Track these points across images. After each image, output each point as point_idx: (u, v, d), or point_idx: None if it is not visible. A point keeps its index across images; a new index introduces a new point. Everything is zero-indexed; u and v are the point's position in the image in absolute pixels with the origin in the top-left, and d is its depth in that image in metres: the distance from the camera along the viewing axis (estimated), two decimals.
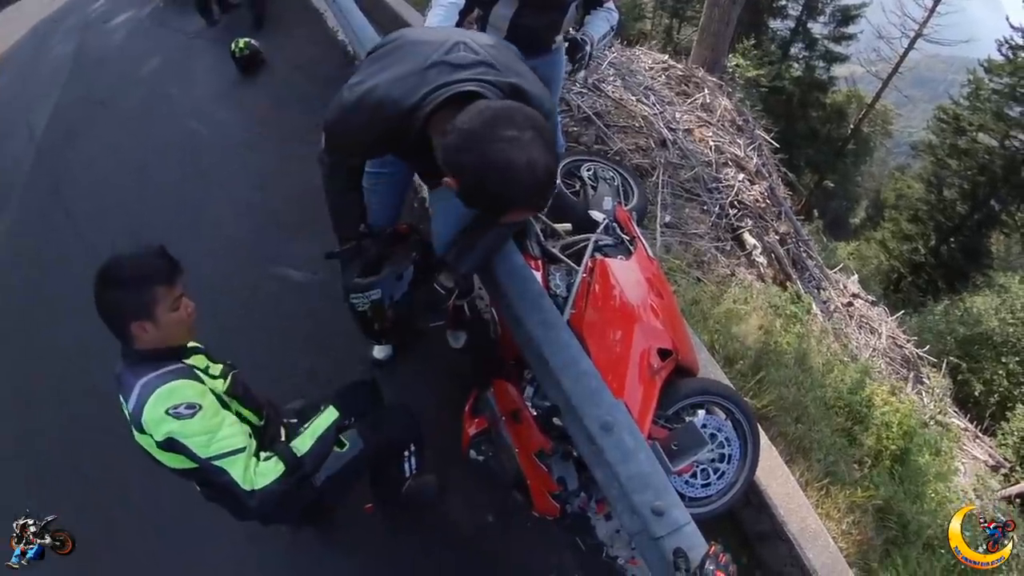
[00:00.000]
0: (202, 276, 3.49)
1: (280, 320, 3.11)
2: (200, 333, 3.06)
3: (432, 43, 1.40)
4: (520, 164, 1.19)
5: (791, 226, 6.09)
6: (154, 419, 1.31)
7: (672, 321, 2.11)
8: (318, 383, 2.71)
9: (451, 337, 2.63)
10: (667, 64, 6.50)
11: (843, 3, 19.22)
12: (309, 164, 4.04)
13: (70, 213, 4.61)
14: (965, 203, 16.17)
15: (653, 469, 1.46)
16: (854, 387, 4.05)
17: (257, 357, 2.91)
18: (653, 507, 1.39)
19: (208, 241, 3.80)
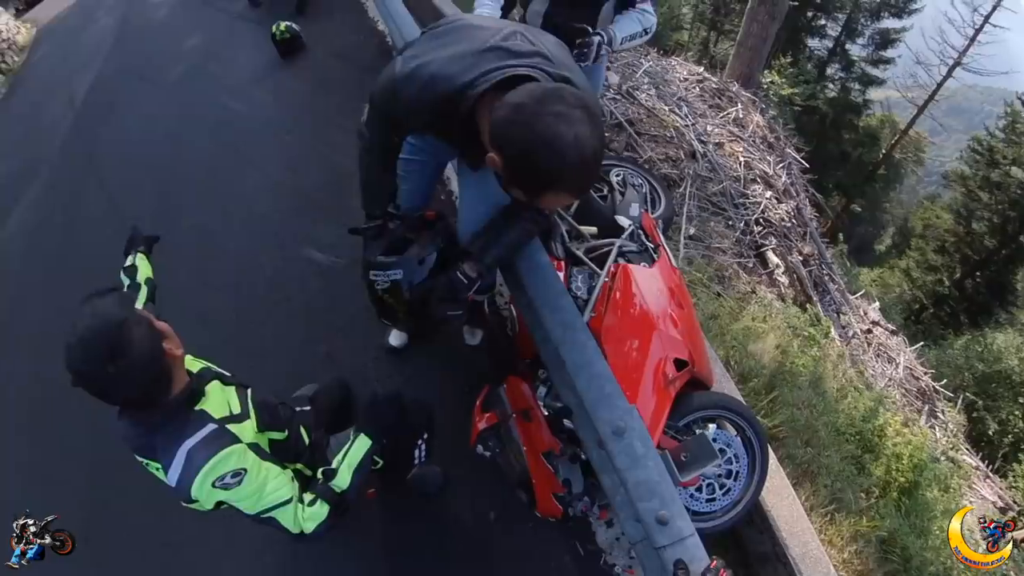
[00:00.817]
0: (231, 251, 3.60)
1: (302, 300, 3.17)
2: (225, 307, 3.16)
3: (491, 29, 1.43)
4: (567, 138, 1.18)
5: (816, 248, 6.02)
6: (204, 493, 1.31)
7: (690, 332, 2.10)
8: (335, 365, 2.75)
9: (468, 334, 2.65)
10: (702, 76, 6.46)
11: (883, 26, 18.96)
12: (341, 150, 4.16)
13: (103, 181, 4.72)
14: (994, 237, 15.79)
15: (661, 478, 1.46)
16: (867, 415, 4.01)
17: (278, 335, 2.97)
18: (658, 516, 1.39)
19: (238, 218, 3.88)
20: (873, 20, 19.00)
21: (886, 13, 18.75)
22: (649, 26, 2.45)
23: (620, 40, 2.39)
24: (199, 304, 3.26)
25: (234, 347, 2.94)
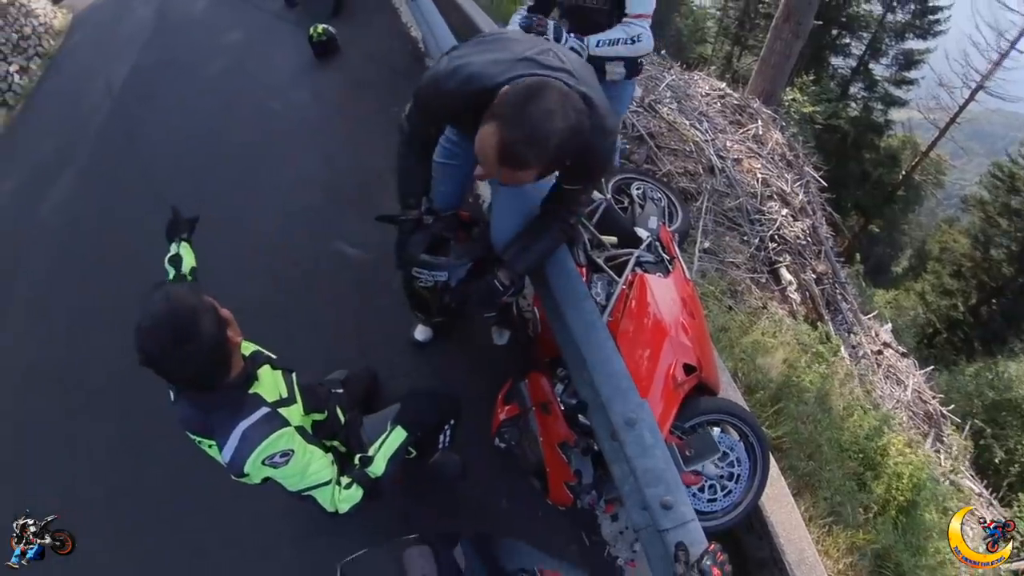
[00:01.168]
0: (265, 241, 3.77)
1: (333, 292, 3.32)
2: (258, 295, 3.31)
3: (529, 43, 1.64)
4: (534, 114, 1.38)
5: (829, 266, 6.09)
6: (254, 470, 1.44)
7: (700, 340, 2.23)
8: (362, 355, 2.89)
9: (496, 334, 2.76)
10: (723, 92, 6.56)
11: (907, 47, 18.91)
12: (372, 149, 4.33)
13: (142, 166, 4.90)
14: (1011, 265, 15.65)
15: (667, 466, 1.59)
16: (871, 434, 4.06)
17: (308, 323, 3.12)
18: (663, 501, 1.52)
19: (273, 209, 4.05)
20: (897, 41, 18.96)
21: (910, 34, 18.72)
22: (634, 35, 2.48)
23: (596, 43, 2.45)
24: (232, 289, 3.37)
25: (265, 332, 3.03)
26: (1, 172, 5.90)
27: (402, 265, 2.04)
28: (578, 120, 1.43)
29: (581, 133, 1.44)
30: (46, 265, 4.29)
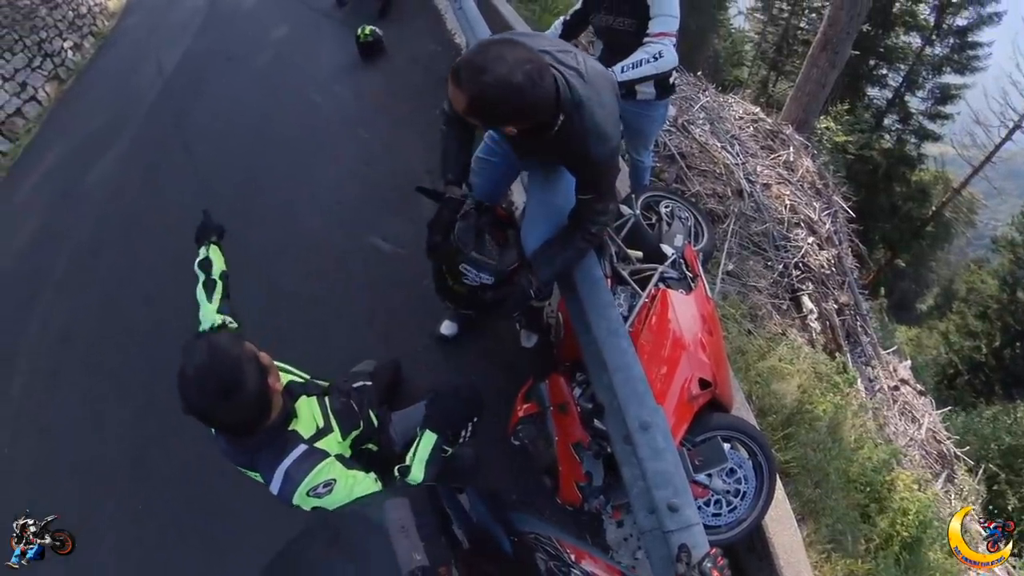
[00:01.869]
0: (304, 229, 3.94)
1: (365, 283, 3.46)
2: (294, 280, 3.44)
3: (556, 43, 1.74)
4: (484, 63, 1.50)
5: (852, 298, 6.08)
6: (302, 501, 1.49)
7: (717, 358, 2.30)
8: (388, 346, 3.01)
9: (524, 337, 2.86)
10: (757, 116, 6.61)
11: (944, 81, 18.67)
12: (412, 151, 4.49)
13: (189, 148, 5.10)
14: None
15: (676, 470, 1.68)
16: (879, 467, 4.06)
17: (340, 311, 3.26)
18: (670, 503, 1.60)
19: (315, 200, 4.21)
20: (935, 74, 18.72)
21: (948, 68, 18.45)
22: (655, 53, 2.50)
23: (621, 69, 2.48)
24: (270, 273, 3.59)
25: (298, 317, 3.25)
26: (51, 142, 6.16)
27: (435, 248, 2.11)
28: (526, 82, 1.49)
29: (522, 95, 1.50)
30: (88, 234, 4.47)
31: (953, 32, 18.04)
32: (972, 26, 17.75)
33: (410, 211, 3.88)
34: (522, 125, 1.64)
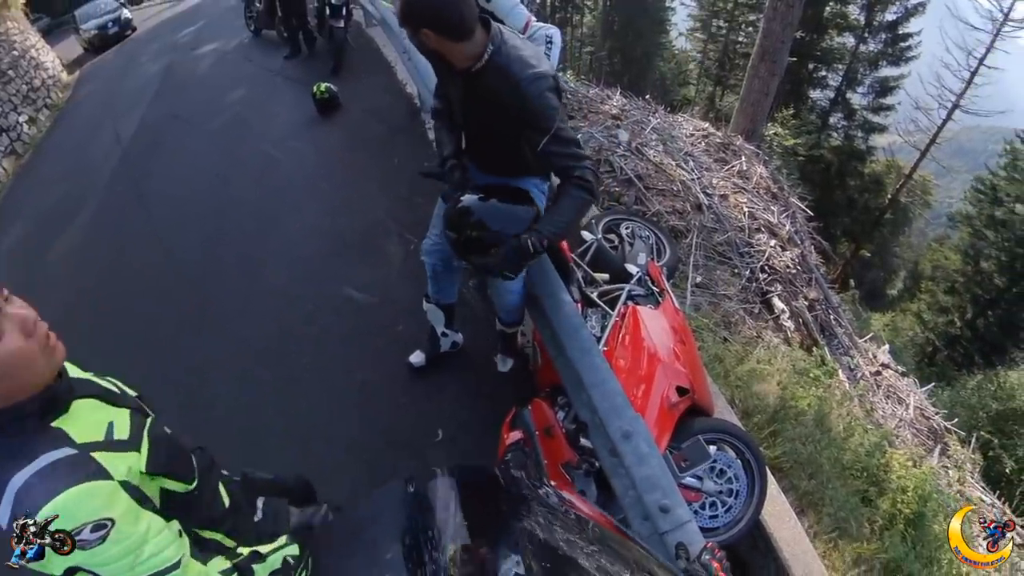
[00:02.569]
0: (272, 285, 3.94)
1: (339, 333, 3.46)
2: (266, 336, 3.47)
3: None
4: None
5: (821, 292, 6.24)
6: (48, 555, 0.91)
7: (692, 365, 2.39)
8: (368, 393, 3.03)
9: (500, 361, 2.91)
10: (707, 131, 6.88)
11: (881, 75, 19.75)
12: (373, 200, 4.60)
13: (151, 214, 5.11)
14: (1003, 275, 15.87)
15: (663, 473, 1.74)
16: (872, 451, 4.13)
17: (316, 363, 3.26)
18: (661, 505, 1.66)
19: (280, 256, 4.24)
20: (872, 69, 19.85)
21: (884, 62, 19.62)
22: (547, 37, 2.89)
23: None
24: (242, 331, 3.58)
25: (273, 372, 3.24)
26: (11, 219, 6.12)
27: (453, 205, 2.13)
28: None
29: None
30: (55, 313, 4.31)
31: (883, 27, 19.27)
32: (900, 19, 19.01)
33: (377, 259, 3.96)
34: (450, 32, 1.77)
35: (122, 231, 5.06)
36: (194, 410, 3.06)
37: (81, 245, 5.08)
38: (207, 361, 3.39)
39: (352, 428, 2.88)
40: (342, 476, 2.64)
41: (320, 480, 2.56)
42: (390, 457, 2.72)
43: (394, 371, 3.05)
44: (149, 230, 4.91)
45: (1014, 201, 15.90)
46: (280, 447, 2.81)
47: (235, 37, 9.58)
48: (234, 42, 9.44)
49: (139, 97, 8.06)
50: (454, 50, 1.82)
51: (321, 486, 2.53)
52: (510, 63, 1.82)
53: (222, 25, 11.04)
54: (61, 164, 7.24)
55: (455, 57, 1.85)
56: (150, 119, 7.15)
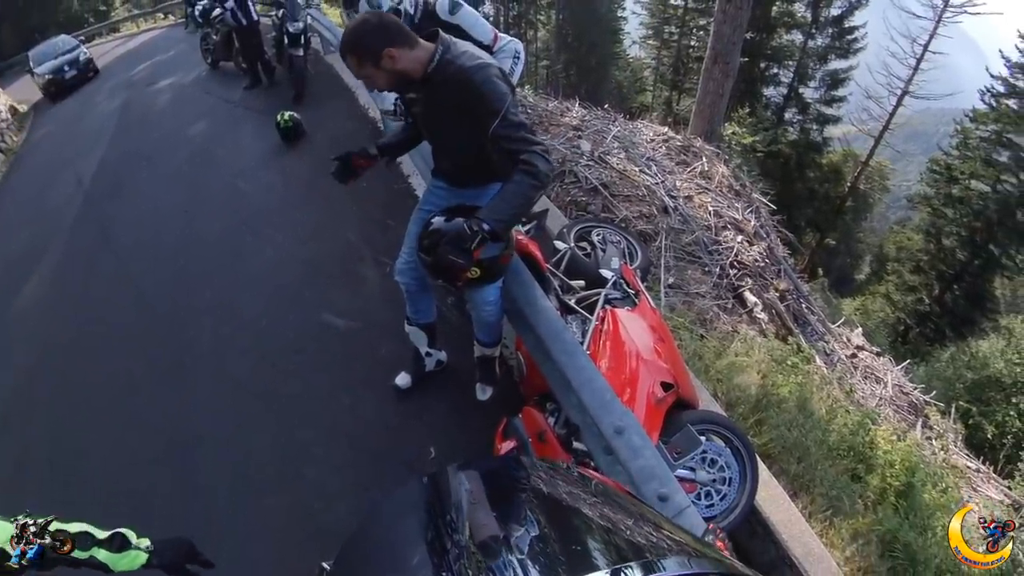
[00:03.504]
0: (251, 319, 3.88)
1: (323, 361, 3.44)
2: (250, 369, 3.43)
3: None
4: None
5: (791, 283, 6.40)
6: None
7: (673, 361, 2.46)
8: (358, 420, 3.01)
9: (479, 390, 2.89)
10: (667, 136, 7.05)
11: (831, 68, 20.51)
12: (347, 225, 4.57)
13: (118, 256, 5.00)
14: (965, 250, 16.49)
15: (658, 462, 1.79)
16: (855, 429, 4.21)
17: (302, 392, 3.24)
18: (659, 494, 1.70)
19: (257, 287, 4.18)
20: (821, 63, 20.58)
21: (833, 55, 20.38)
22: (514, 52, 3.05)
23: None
24: (223, 368, 3.53)
25: (259, 406, 3.20)
26: None
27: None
28: (355, 35, 1.91)
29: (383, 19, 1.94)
30: (25, 363, 4.21)
31: (830, 22, 20.02)
32: (845, 13, 19.81)
33: (354, 284, 3.96)
34: (404, 41, 1.90)
35: (90, 275, 4.93)
36: (184, 449, 3.02)
37: (47, 293, 4.95)
38: (190, 401, 3.33)
39: (344, 454, 2.86)
40: (338, 502, 2.63)
41: (317, 507, 2.62)
42: (385, 479, 2.71)
43: (381, 394, 3.04)
44: (118, 272, 4.80)
45: (969, 178, 16.57)
46: (273, 478, 2.79)
47: (192, 70, 9.50)
48: (191, 75, 9.36)
49: (98, 137, 7.90)
50: (411, 59, 1.94)
51: (319, 513, 2.58)
52: (457, 58, 1.95)
53: (178, 59, 10.98)
54: (20, 211, 7.04)
55: (413, 66, 1.95)
56: (111, 159, 7.02)
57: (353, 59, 1.93)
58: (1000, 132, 16.22)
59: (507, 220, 1.96)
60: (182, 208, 5.47)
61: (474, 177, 2.30)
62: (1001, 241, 15.89)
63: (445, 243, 1.89)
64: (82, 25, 19.14)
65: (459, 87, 1.93)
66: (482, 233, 1.87)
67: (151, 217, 5.50)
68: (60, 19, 21.02)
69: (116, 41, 16.62)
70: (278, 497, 2.72)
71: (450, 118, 2.06)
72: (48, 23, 19.75)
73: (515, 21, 29.35)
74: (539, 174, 1.90)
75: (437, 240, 1.93)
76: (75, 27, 17.99)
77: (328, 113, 6.56)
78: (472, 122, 1.95)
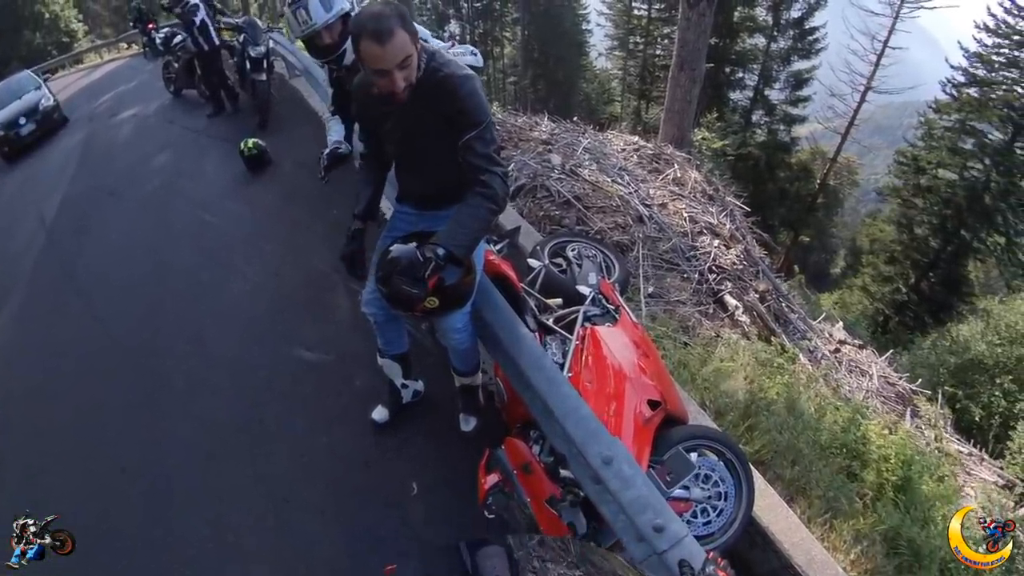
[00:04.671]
0: (223, 356, 3.73)
1: (298, 396, 3.30)
2: (223, 409, 3.28)
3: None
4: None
5: (769, 283, 6.42)
6: None
7: (659, 376, 2.38)
8: (336, 457, 2.88)
9: (463, 421, 2.77)
10: (638, 144, 7.08)
11: (795, 69, 21.03)
12: (317, 254, 4.45)
13: (84, 295, 4.79)
14: (936, 238, 16.93)
15: (651, 492, 1.70)
16: (847, 426, 4.19)
17: (278, 431, 3.10)
18: (654, 525, 1.61)
19: (227, 322, 4.04)
20: (785, 65, 21.11)
21: (795, 56, 20.94)
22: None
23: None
24: (195, 408, 3.36)
25: (236, 447, 3.04)
26: None
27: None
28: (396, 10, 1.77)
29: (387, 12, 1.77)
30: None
31: (790, 24, 20.61)
32: (805, 15, 20.41)
33: (326, 314, 3.84)
34: (414, 32, 1.79)
35: (56, 316, 4.70)
36: (157, 497, 2.86)
37: (11, 336, 4.70)
38: (164, 444, 3.16)
39: (323, 493, 2.74)
40: (320, 546, 2.51)
41: (300, 551, 2.50)
42: (367, 519, 2.59)
43: (359, 429, 2.92)
44: (85, 312, 4.59)
45: (936, 167, 17.08)
46: (253, 524, 2.65)
47: (155, 100, 9.32)
48: (154, 105, 9.17)
49: (60, 173, 7.64)
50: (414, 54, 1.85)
51: (303, 557, 2.47)
52: (445, 66, 1.90)
53: (140, 89, 10.76)
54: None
55: (410, 65, 1.84)
56: (74, 195, 6.77)
57: (401, 37, 1.74)
58: (963, 120, 16.75)
59: (466, 244, 1.91)
60: (146, 242, 5.30)
61: (447, 197, 2.19)
62: (971, 226, 16.33)
63: (398, 273, 1.82)
64: (45, 58, 18.72)
65: (446, 95, 1.88)
66: (436, 260, 1.81)
67: (116, 253, 5.32)
68: (23, 52, 20.59)
69: (79, 73, 16.17)
70: (257, 538, 2.59)
71: (430, 129, 1.98)
72: (10, 57, 19.39)
73: (481, 38, 29.62)
74: (497, 198, 1.90)
75: (391, 270, 1.84)
76: (39, 60, 17.62)
77: (295, 139, 6.43)
78: (449, 132, 1.91)
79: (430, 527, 2.51)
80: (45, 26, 22.65)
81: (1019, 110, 15.50)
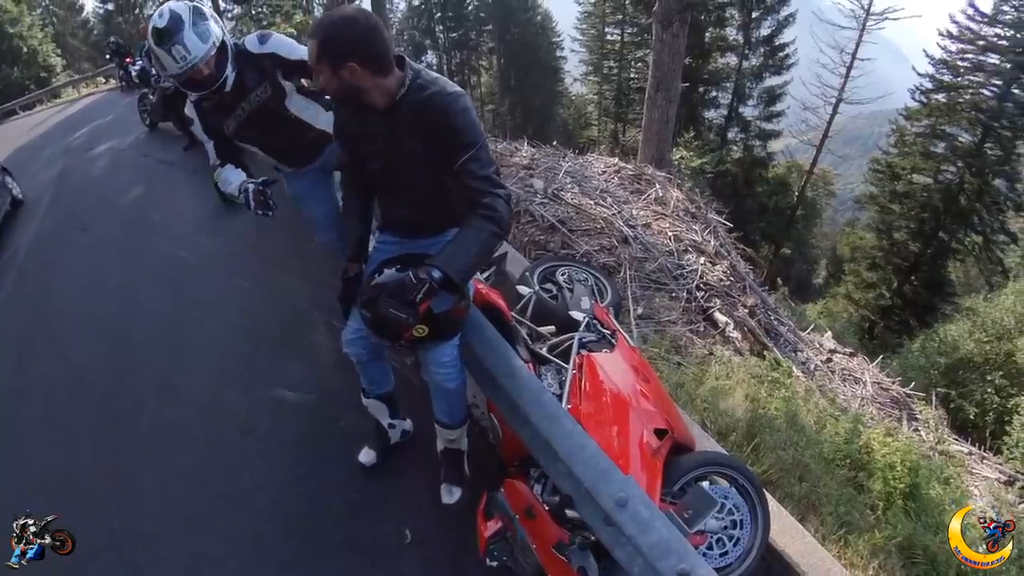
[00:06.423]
0: (198, 399, 3.49)
1: (278, 440, 3.10)
2: (199, 456, 3.08)
3: None
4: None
5: (757, 297, 6.41)
6: None
7: (662, 402, 2.27)
8: (321, 505, 2.69)
9: (444, 491, 2.52)
10: (618, 166, 7.10)
11: (767, 85, 21.58)
12: (295, 290, 4.30)
13: (53, 337, 4.54)
14: (916, 241, 17.32)
15: (672, 535, 1.55)
16: (848, 436, 4.15)
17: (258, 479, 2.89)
18: (678, 571, 1.47)
19: (202, 363, 3.82)
20: (757, 82, 21.68)
21: (767, 73, 21.52)
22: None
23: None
24: (170, 455, 3.13)
25: (212, 495, 2.83)
26: None
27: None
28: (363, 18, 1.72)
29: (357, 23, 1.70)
30: None
31: (761, 42, 21.25)
32: (775, 32, 21.10)
33: (306, 352, 3.67)
34: (375, 65, 1.70)
35: (23, 356, 4.41)
36: (130, 551, 2.61)
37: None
38: (135, 496, 2.93)
39: (310, 545, 2.54)
40: None
41: None
42: (358, 571, 2.41)
43: (345, 472, 2.75)
44: (53, 352, 4.33)
45: (910, 172, 17.64)
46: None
47: (131, 133, 9.26)
48: (130, 138, 9.10)
49: (33, 208, 7.44)
50: (376, 87, 1.75)
51: None
52: (432, 83, 1.79)
53: (116, 123, 10.67)
54: None
55: (376, 95, 1.76)
56: (45, 230, 6.55)
57: (314, 46, 1.70)
58: (934, 125, 17.37)
59: (465, 269, 1.79)
60: (118, 280, 5.09)
61: (432, 221, 2.08)
62: (949, 227, 16.76)
63: (387, 295, 1.69)
64: (23, 93, 18.63)
65: (436, 114, 1.76)
66: (430, 282, 1.68)
67: (87, 291, 5.10)
68: (1, 87, 20.58)
69: (56, 108, 16.05)
70: None
71: (415, 149, 1.85)
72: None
73: (458, 68, 30.04)
74: (502, 221, 1.79)
75: (378, 292, 1.71)
76: (17, 95, 17.53)
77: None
78: (439, 154, 1.79)
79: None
80: (23, 60, 22.75)
81: (987, 112, 16.04)
